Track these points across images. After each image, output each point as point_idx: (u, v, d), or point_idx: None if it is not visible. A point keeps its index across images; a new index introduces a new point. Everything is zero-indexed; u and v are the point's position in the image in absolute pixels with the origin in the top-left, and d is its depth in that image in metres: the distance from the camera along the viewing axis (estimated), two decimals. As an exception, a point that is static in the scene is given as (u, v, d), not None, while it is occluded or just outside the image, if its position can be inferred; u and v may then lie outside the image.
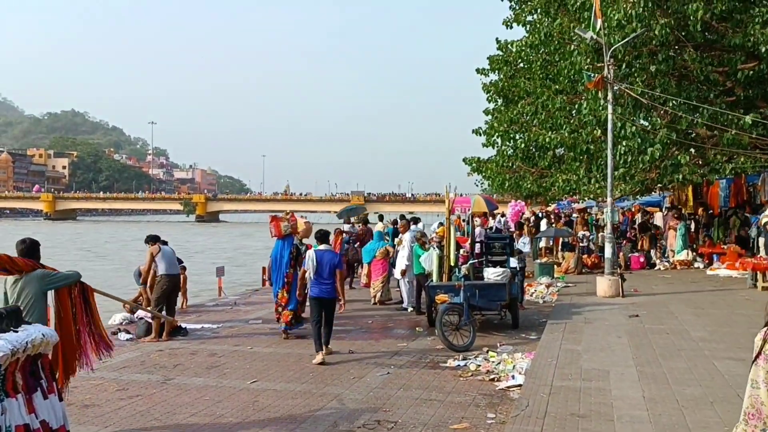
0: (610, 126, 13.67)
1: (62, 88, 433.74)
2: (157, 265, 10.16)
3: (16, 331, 4.31)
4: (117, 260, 33.66)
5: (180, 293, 11.91)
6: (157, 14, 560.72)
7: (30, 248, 5.42)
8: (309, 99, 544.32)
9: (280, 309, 10.20)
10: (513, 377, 7.14)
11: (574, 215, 28.42)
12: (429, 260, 11.17)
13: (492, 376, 7.38)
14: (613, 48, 13.53)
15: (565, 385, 6.42)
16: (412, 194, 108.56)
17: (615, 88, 13.77)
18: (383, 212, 19.69)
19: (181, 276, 11.74)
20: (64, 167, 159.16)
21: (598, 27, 13.17)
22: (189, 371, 7.94)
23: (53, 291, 5.34)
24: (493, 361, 7.94)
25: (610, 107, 13.63)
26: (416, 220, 15.07)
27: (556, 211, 32.37)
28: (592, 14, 13.49)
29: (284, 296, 10.11)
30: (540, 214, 31.17)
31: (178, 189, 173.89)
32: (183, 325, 10.46)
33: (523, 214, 30.30)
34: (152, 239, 10.44)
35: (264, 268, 17.35)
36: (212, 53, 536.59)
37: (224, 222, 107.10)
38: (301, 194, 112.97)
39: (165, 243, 10.77)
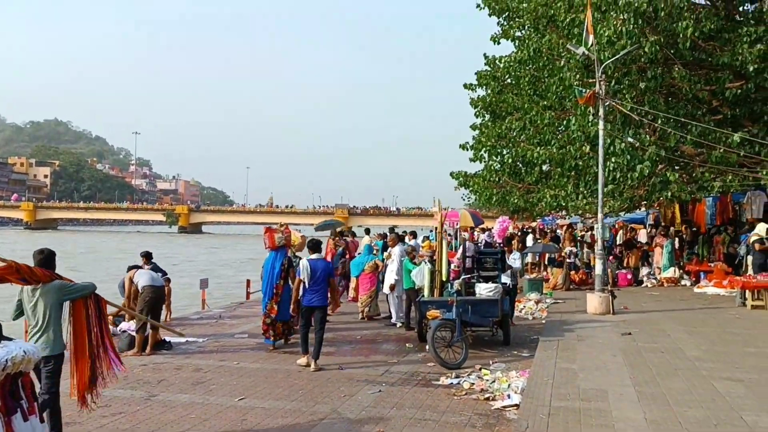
0: (601, 142, 13.64)
1: (45, 97, 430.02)
2: (138, 282, 10.04)
3: (-4, 347, 4.09)
4: (90, 271, 33.10)
5: (164, 306, 11.69)
6: (141, 24, 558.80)
7: (47, 259, 5.52)
8: (293, 111, 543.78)
9: (268, 321, 10.07)
10: (509, 396, 6.96)
11: (559, 231, 28.43)
12: (420, 275, 11.01)
13: (487, 395, 7.20)
14: (603, 64, 13.56)
15: (563, 406, 6.25)
16: (397, 208, 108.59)
17: (606, 104, 13.77)
18: (367, 226, 19.56)
19: (165, 288, 11.54)
20: (45, 176, 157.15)
21: (590, 43, 13.19)
22: (174, 387, 7.70)
23: (69, 302, 5.42)
24: (487, 380, 7.76)
25: (601, 123, 13.60)
26: (414, 234, 14.80)
27: (541, 227, 32.41)
28: (584, 30, 13.50)
29: (273, 308, 10.07)
30: (525, 230, 31.16)
31: (160, 200, 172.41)
32: (167, 339, 10.20)
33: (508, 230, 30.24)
34: (132, 268, 10.70)
35: (248, 281, 17.12)
36: (198, 64, 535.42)
37: (207, 233, 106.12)
38: (285, 207, 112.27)
39: (150, 258, 11.00)
